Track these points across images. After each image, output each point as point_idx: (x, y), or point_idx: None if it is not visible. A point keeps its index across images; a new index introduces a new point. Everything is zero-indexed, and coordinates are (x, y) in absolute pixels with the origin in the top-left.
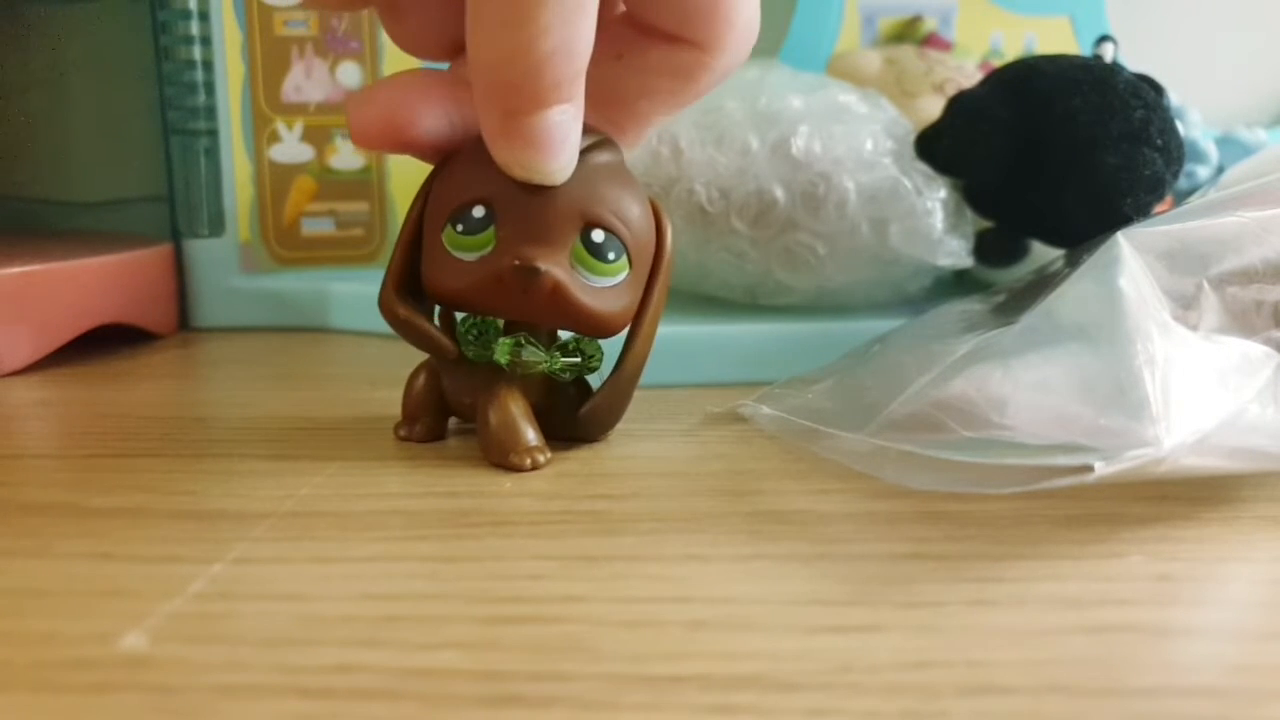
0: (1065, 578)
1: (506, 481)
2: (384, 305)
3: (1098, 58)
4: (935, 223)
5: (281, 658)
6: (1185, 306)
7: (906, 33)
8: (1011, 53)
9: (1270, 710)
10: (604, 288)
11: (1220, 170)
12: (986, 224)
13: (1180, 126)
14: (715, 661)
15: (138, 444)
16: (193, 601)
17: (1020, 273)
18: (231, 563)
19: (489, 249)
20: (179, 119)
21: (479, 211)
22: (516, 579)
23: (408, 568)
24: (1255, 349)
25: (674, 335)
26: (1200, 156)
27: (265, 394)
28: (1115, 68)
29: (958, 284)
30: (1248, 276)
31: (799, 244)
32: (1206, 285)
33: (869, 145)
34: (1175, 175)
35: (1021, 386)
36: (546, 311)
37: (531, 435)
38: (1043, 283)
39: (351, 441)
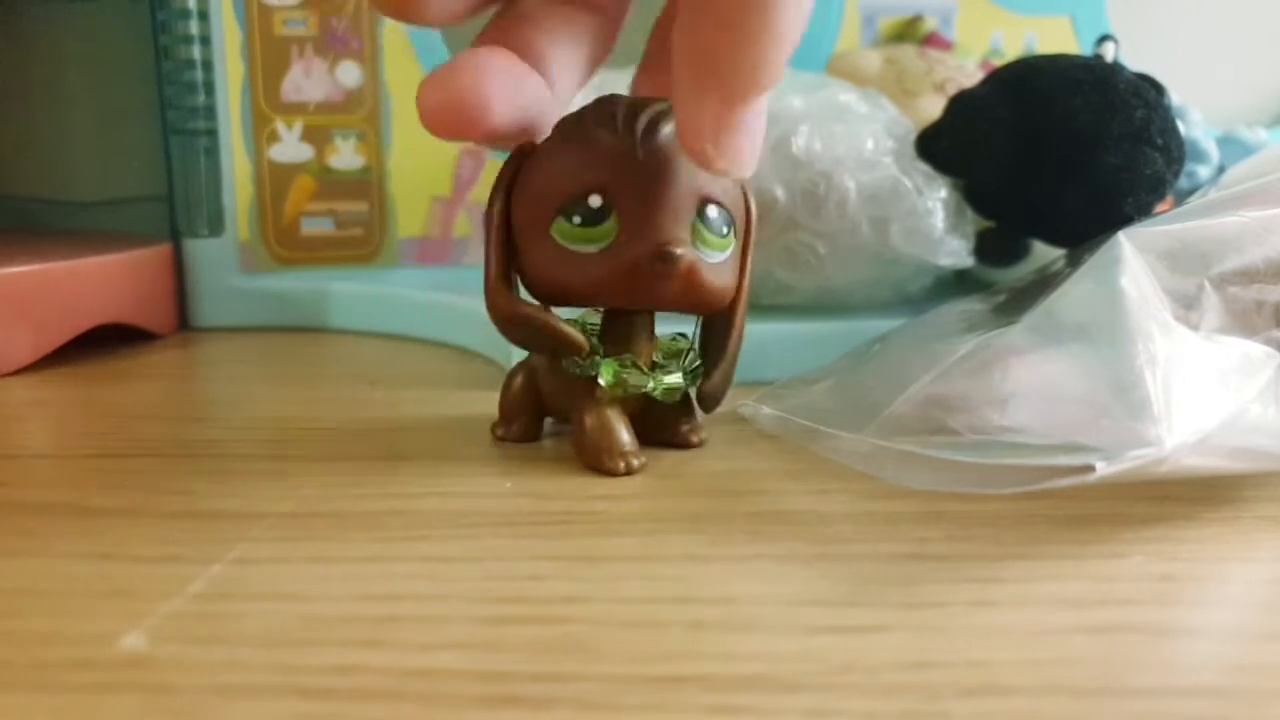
0: (1066, 578)
1: (506, 481)
2: (499, 307)
3: (1098, 57)
4: (936, 222)
5: (281, 658)
6: (1186, 306)
7: (907, 32)
8: (1012, 52)
9: (1270, 710)
10: (720, 263)
11: (1221, 170)
12: (987, 224)
13: (1181, 126)
14: (716, 662)
15: (138, 444)
16: (192, 601)
17: (1021, 272)
18: (231, 563)
19: (611, 239)
20: (179, 119)
21: (596, 201)
22: (516, 579)
23: (408, 568)
24: (1256, 349)
25: None
26: (1201, 156)
27: (265, 394)
28: (1116, 67)
29: (958, 284)
30: (1249, 276)
31: (799, 243)
32: (1208, 285)
33: (869, 145)
34: (1176, 175)
35: (1022, 386)
36: (675, 296)
37: (627, 439)
38: (1044, 282)
39: (352, 441)
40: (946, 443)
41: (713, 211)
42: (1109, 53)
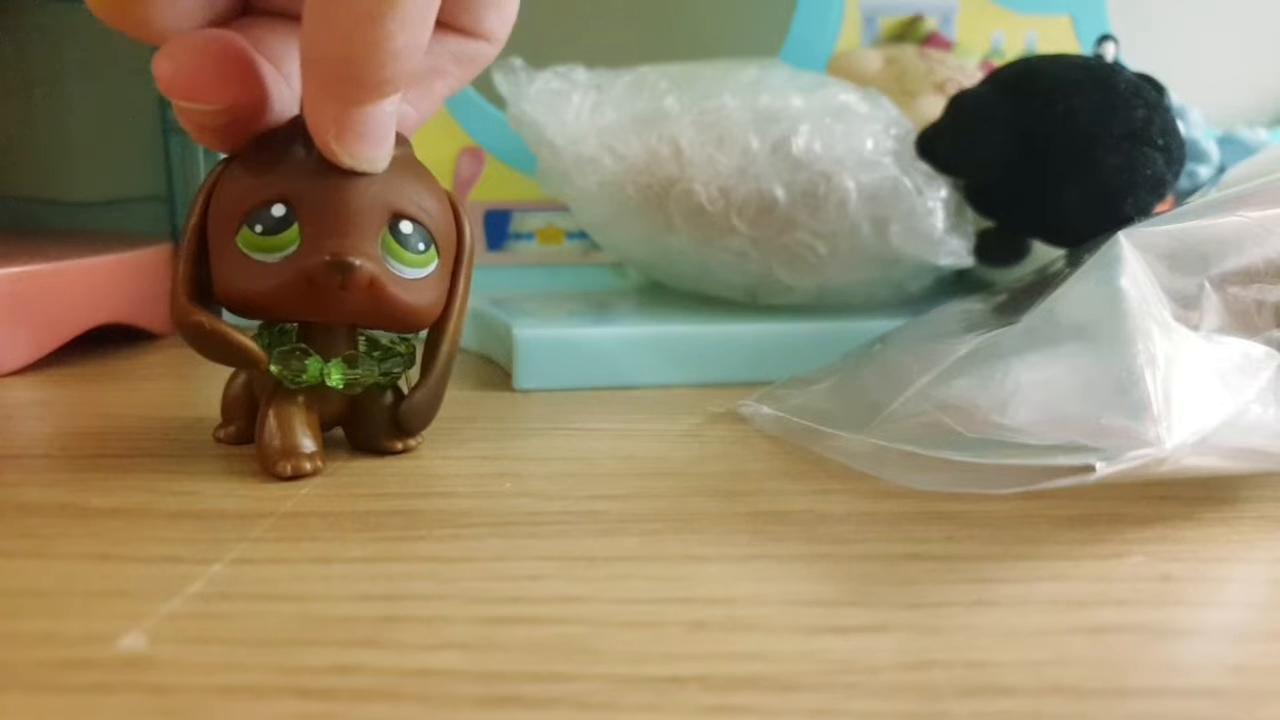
0: (1066, 578)
1: (507, 481)
2: (178, 314)
3: (1099, 57)
4: (936, 222)
5: (281, 658)
6: (1186, 306)
7: (907, 32)
8: (1012, 52)
9: (1270, 710)
10: (415, 280)
11: (1221, 170)
12: (987, 223)
13: (1181, 126)
14: (715, 662)
15: (138, 444)
16: (192, 602)
17: (1021, 272)
18: (231, 563)
19: (293, 248)
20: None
21: (279, 210)
22: (516, 579)
23: (408, 568)
24: (1256, 349)
25: (674, 335)
26: (1201, 156)
27: None
28: (1116, 67)
29: (958, 283)
30: (1249, 276)
31: (800, 243)
32: (1208, 285)
33: (870, 144)
34: (1176, 175)
35: (1022, 386)
36: (361, 309)
37: (302, 442)
38: (1044, 283)
39: None
40: (946, 443)
41: (406, 226)
42: (1109, 53)
